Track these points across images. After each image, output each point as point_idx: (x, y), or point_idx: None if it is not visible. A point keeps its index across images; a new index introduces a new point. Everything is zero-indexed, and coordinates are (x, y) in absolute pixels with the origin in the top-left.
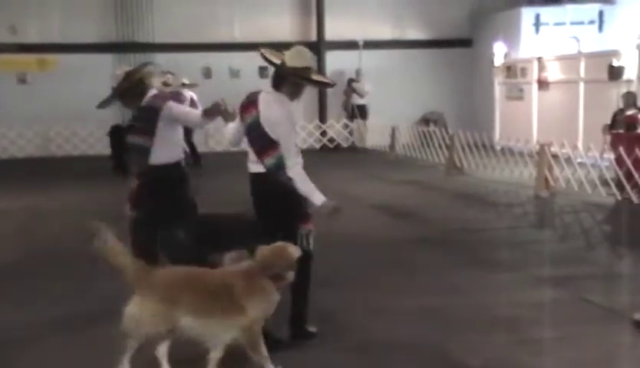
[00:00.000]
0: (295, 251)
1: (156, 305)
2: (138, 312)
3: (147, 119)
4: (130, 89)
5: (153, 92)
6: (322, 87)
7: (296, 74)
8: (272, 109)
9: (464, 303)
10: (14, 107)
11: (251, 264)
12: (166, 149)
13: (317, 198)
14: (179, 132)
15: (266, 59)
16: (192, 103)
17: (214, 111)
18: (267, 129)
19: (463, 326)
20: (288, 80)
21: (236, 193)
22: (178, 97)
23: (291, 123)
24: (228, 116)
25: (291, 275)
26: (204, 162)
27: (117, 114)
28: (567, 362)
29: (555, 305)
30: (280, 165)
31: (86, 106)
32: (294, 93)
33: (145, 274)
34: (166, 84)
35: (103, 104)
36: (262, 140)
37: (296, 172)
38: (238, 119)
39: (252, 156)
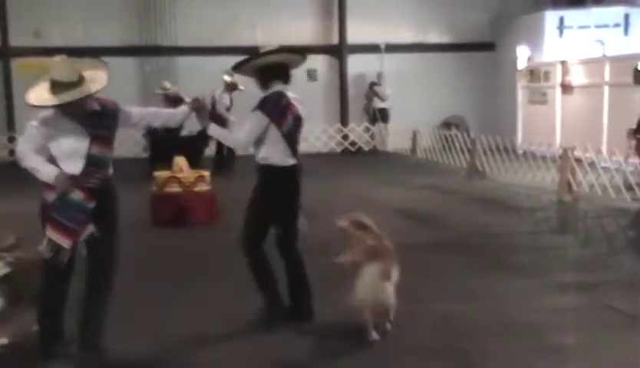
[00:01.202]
0: None
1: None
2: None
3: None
4: None
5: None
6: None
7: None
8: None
9: (485, 309)
10: (38, 110)
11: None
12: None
13: None
14: None
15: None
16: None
17: (193, 106)
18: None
19: (483, 332)
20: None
21: None
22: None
23: None
24: (202, 114)
25: None
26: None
27: None
28: (588, 366)
29: (577, 311)
30: None
31: None
32: None
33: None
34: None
35: None
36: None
37: None
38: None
39: (289, 151)
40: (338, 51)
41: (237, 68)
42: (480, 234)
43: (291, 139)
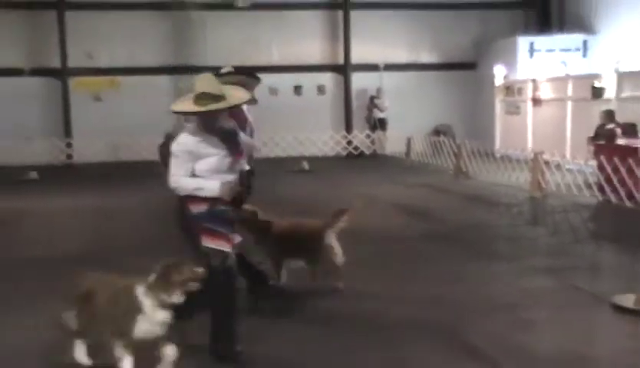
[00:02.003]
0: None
1: None
2: None
3: None
4: None
5: None
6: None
7: None
8: None
9: (469, 290)
10: (90, 120)
11: None
12: None
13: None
14: None
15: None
16: None
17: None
18: None
19: (467, 310)
20: None
21: None
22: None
23: None
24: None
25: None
26: None
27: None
28: (557, 339)
29: (547, 291)
30: None
31: (147, 119)
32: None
33: None
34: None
35: None
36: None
37: None
38: None
39: None
40: (344, 69)
41: None
42: (465, 226)
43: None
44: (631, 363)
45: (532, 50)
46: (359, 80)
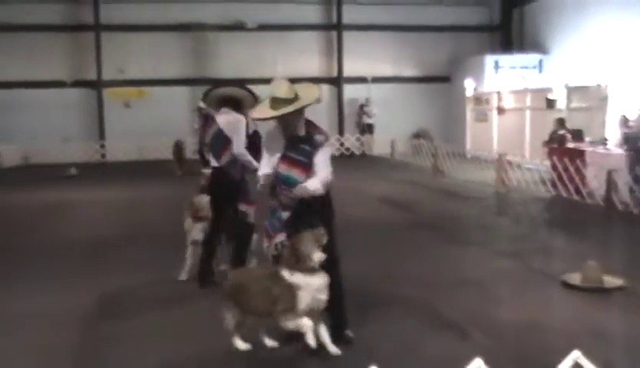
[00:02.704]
0: None
1: None
2: None
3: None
4: None
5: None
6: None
7: None
8: None
9: (445, 270)
10: (120, 125)
11: None
12: None
13: None
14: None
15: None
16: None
17: None
18: None
19: (441, 287)
20: None
21: None
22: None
23: None
24: None
25: None
26: None
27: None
28: (516, 311)
29: (508, 271)
30: None
31: (169, 123)
32: None
33: None
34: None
35: None
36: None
37: None
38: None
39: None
40: (337, 81)
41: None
42: (441, 216)
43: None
44: (576, 328)
45: (497, 67)
46: (350, 91)
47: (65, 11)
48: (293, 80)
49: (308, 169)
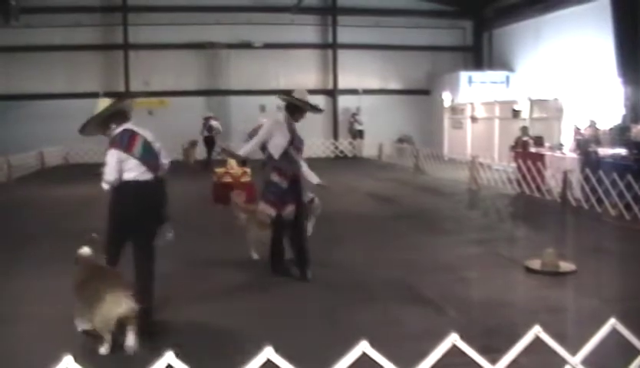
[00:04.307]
0: None
1: None
2: None
3: None
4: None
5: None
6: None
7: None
8: None
9: (423, 255)
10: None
11: None
12: None
13: None
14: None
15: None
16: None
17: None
18: None
19: (421, 271)
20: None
21: None
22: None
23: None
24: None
25: None
26: None
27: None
28: (484, 291)
29: (479, 257)
30: None
31: (186, 129)
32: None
33: None
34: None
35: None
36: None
37: None
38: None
39: (144, 168)
40: (332, 93)
41: (83, 131)
42: (421, 209)
43: (144, 159)
44: (537, 307)
45: (470, 82)
46: (343, 101)
47: (99, 33)
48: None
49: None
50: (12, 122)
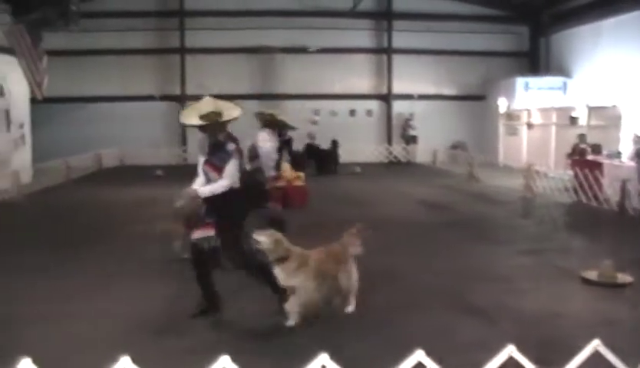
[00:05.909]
0: None
1: None
2: None
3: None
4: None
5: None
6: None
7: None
8: None
9: (475, 264)
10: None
11: None
12: None
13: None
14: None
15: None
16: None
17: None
18: None
19: (473, 279)
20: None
21: None
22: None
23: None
24: None
25: None
26: None
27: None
28: (538, 302)
29: (532, 267)
30: None
31: (239, 132)
32: None
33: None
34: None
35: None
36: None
37: None
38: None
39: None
40: (387, 98)
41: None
42: (474, 217)
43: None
44: (593, 319)
45: (526, 88)
46: (398, 106)
47: (156, 37)
48: (349, 96)
49: (219, 170)
50: (71, 124)
